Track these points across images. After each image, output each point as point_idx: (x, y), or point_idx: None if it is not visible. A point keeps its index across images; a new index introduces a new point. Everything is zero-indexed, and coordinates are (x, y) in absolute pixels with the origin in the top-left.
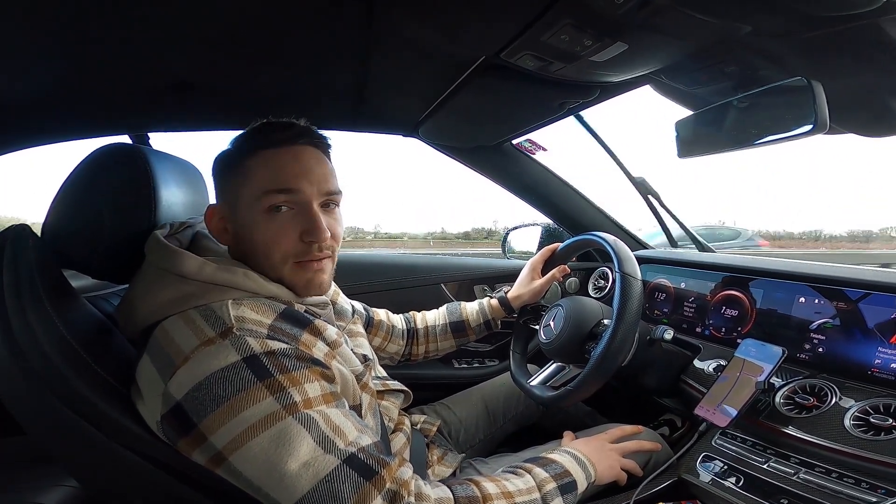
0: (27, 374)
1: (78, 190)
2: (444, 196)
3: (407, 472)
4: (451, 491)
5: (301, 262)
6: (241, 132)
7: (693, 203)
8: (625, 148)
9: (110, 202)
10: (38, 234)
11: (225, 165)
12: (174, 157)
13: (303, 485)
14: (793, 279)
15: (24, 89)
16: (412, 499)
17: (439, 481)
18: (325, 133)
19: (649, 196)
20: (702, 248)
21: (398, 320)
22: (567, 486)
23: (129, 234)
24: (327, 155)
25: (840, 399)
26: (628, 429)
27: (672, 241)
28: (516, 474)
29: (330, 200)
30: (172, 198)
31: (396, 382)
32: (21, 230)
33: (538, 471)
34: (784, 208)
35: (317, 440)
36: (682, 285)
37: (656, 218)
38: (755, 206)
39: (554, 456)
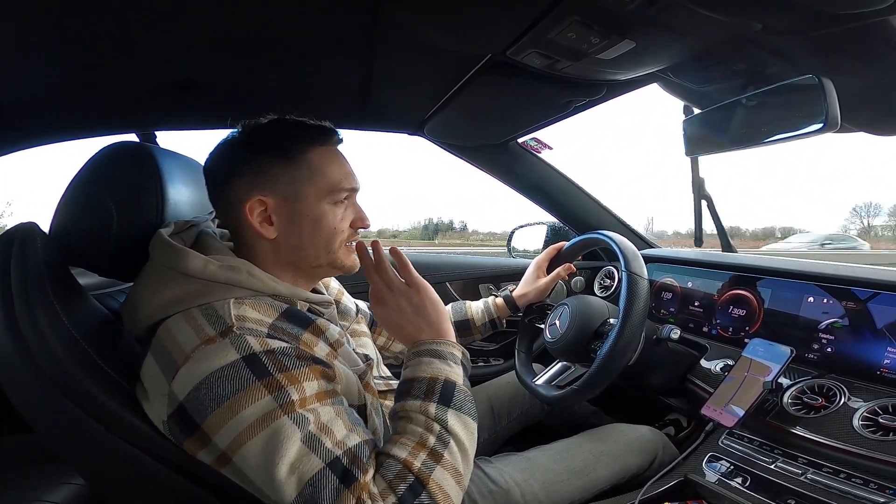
0: (35, 371)
1: (86, 188)
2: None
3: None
4: (383, 478)
5: (349, 246)
6: (272, 123)
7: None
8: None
9: (118, 200)
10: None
11: (277, 155)
12: (181, 156)
13: (291, 488)
14: (801, 278)
15: (31, 87)
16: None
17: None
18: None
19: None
20: (728, 248)
21: None
22: (445, 394)
23: (137, 231)
24: None
25: (849, 399)
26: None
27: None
28: (402, 419)
29: None
30: (180, 196)
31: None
32: (29, 228)
33: (411, 402)
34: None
35: (304, 440)
36: (689, 284)
37: (713, 220)
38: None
39: (408, 373)
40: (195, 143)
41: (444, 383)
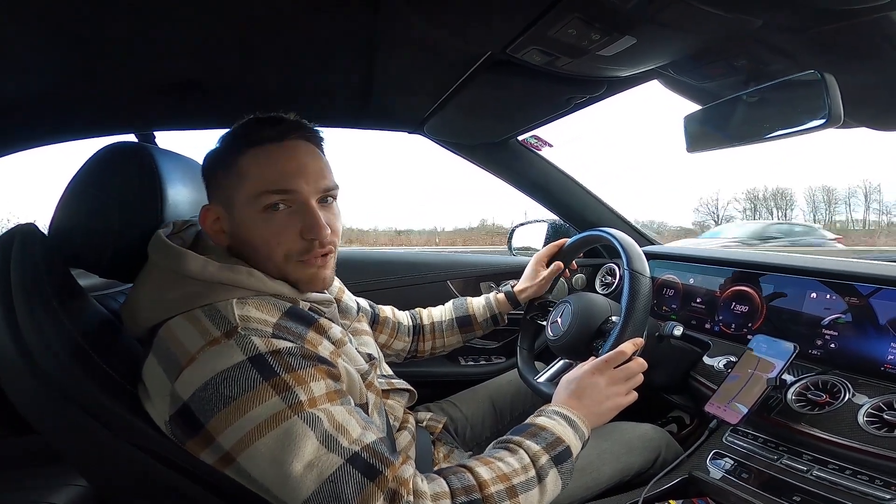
0: (36, 372)
1: (85, 189)
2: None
3: (408, 469)
4: (447, 483)
5: (304, 260)
6: (229, 130)
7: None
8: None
9: (117, 201)
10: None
11: (215, 165)
12: (180, 156)
13: (307, 486)
14: (803, 274)
15: (29, 88)
16: (411, 497)
17: (435, 471)
18: (331, 130)
19: None
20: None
21: (404, 317)
22: (561, 456)
23: (137, 232)
24: (320, 149)
25: (853, 395)
26: (623, 348)
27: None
28: (509, 450)
29: (327, 195)
30: (179, 196)
31: (402, 381)
32: (28, 229)
33: (529, 444)
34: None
35: (320, 439)
36: (691, 281)
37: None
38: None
39: (543, 421)
40: (194, 143)
41: (565, 448)
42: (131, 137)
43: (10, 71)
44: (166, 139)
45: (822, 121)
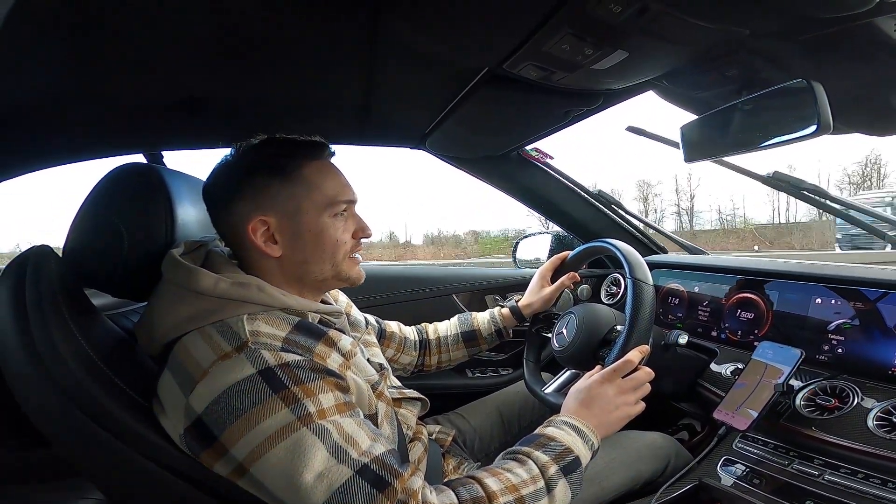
0: (52, 387)
1: (97, 209)
2: None
3: (417, 481)
4: (456, 494)
5: (353, 257)
6: (265, 142)
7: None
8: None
9: (128, 222)
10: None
11: (273, 174)
12: (188, 176)
13: (318, 496)
14: (808, 280)
15: (38, 109)
16: None
17: (444, 482)
18: (333, 147)
19: (613, 206)
20: (692, 251)
21: (410, 332)
22: (570, 466)
23: (148, 252)
24: None
25: (862, 400)
26: (630, 357)
27: (659, 248)
28: (517, 461)
29: None
30: (188, 216)
31: (412, 391)
32: (43, 250)
33: (538, 454)
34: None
35: (330, 450)
36: (696, 289)
37: (629, 226)
38: None
39: (552, 432)
40: (201, 159)
41: (574, 458)
42: (140, 157)
43: (16, 91)
44: (174, 157)
45: (814, 128)
